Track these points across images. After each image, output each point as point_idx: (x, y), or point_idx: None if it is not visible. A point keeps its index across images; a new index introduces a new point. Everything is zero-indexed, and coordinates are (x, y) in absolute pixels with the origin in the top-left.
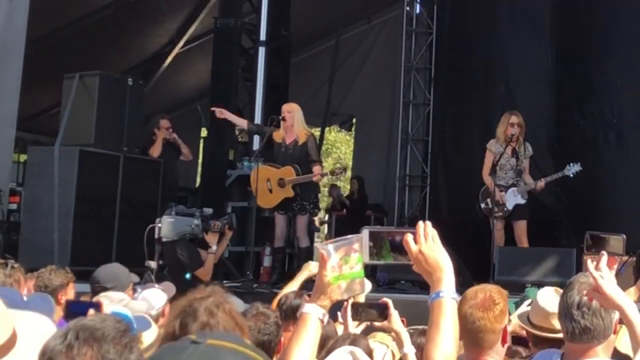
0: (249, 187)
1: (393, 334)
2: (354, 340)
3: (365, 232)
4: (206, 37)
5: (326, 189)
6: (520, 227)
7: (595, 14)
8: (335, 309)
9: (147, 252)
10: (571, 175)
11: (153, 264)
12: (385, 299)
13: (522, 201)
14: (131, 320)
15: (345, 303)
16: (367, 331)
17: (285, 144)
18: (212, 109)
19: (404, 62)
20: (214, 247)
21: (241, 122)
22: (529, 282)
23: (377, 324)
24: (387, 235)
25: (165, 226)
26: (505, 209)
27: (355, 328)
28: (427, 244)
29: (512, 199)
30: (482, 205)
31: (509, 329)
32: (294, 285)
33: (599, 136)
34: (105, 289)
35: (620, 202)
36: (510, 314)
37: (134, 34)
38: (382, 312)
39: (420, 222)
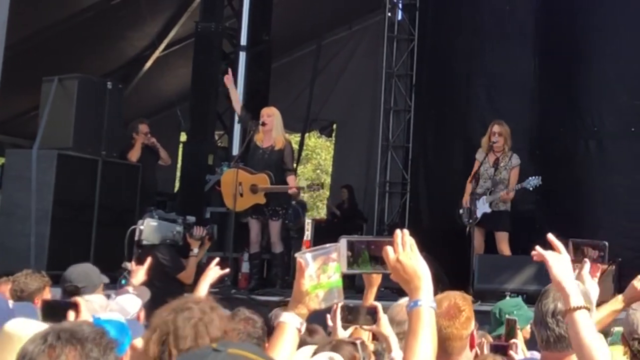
0: (218, 187)
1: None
2: (335, 347)
3: (343, 242)
4: (187, 41)
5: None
6: (500, 238)
7: (577, 22)
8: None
9: (126, 254)
10: (530, 189)
11: (130, 266)
12: (375, 303)
13: (488, 210)
14: (126, 327)
15: (335, 306)
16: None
17: (262, 148)
18: (226, 76)
19: (385, 69)
20: (196, 250)
21: (236, 104)
22: (509, 290)
23: (366, 327)
24: (365, 245)
25: (148, 229)
26: (474, 216)
27: (345, 332)
28: (405, 253)
29: (481, 207)
30: (460, 212)
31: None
32: None
33: (579, 144)
34: (77, 289)
35: (600, 210)
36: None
37: (114, 38)
38: (372, 316)
39: (398, 231)
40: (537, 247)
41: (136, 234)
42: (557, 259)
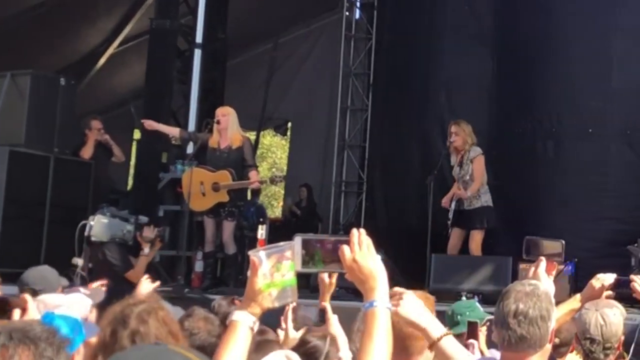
0: (179, 189)
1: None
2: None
3: (297, 240)
4: (141, 38)
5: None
6: (471, 236)
7: (536, 23)
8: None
9: (77, 249)
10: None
11: (80, 262)
12: (324, 303)
13: (455, 207)
14: (79, 324)
15: (287, 307)
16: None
17: (220, 149)
18: (143, 120)
19: (343, 68)
20: (147, 250)
21: (173, 132)
22: (465, 290)
23: (316, 328)
24: (320, 243)
25: (97, 226)
26: (449, 216)
27: (296, 333)
28: (361, 253)
29: (453, 206)
30: (450, 215)
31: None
32: None
33: (537, 144)
34: (35, 292)
35: (556, 211)
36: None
37: (67, 33)
38: (321, 317)
39: (354, 230)
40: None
41: (86, 230)
42: (405, 302)
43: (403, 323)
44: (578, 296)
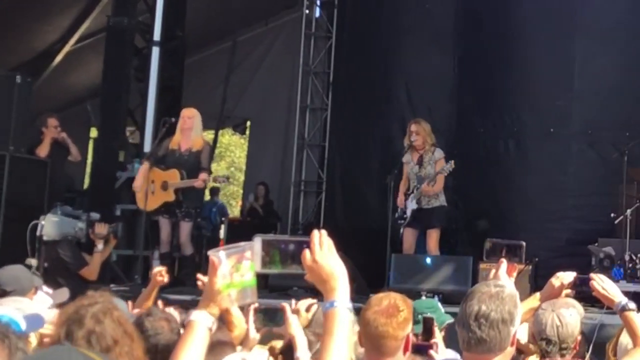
0: (134, 185)
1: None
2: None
3: (257, 240)
4: (98, 36)
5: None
6: (428, 236)
7: (497, 22)
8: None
9: (29, 249)
10: (446, 174)
11: (34, 262)
12: (283, 304)
13: (415, 206)
14: (14, 321)
15: (248, 308)
16: (268, 335)
17: (180, 151)
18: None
19: (302, 66)
20: (100, 247)
21: (144, 169)
22: (425, 290)
23: (275, 328)
24: (280, 244)
25: (48, 225)
26: (405, 216)
27: (257, 333)
28: (322, 253)
29: (410, 205)
30: (396, 215)
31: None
32: None
33: (498, 144)
34: (5, 293)
35: (518, 210)
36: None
37: (23, 31)
38: (281, 317)
39: (315, 231)
40: None
41: (38, 230)
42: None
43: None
44: (537, 295)
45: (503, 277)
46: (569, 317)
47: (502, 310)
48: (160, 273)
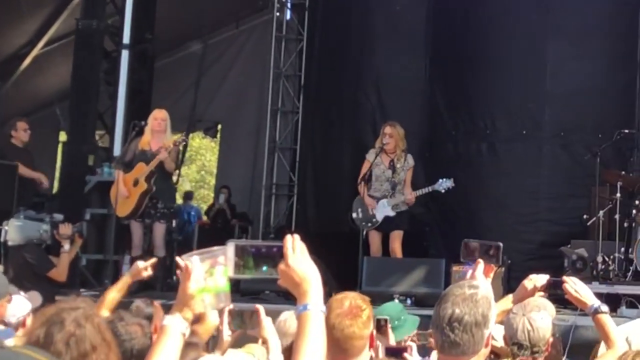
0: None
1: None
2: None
3: (230, 245)
4: (67, 39)
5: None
6: (393, 237)
7: (469, 25)
8: None
9: None
10: (442, 191)
11: (0, 268)
12: (257, 306)
13: (392, 213)
14: None
15: (223, 310)
16: (242, 338)
17: (151, 152)
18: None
19: (273, 69)
20: (67, 247)
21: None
22: (397, 292)
23: (250, 331)
24: (253, 249)
25: (12, 230)
26: (374, 219)
27: (229, 336)
28: (295, 257)
29: (382, 210)
30: (354, 215)
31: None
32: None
33: (471, 147)
34: None
35: (490, 213)
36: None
37: None
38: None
39: (288, 236)
40: None
41: (1, 236)
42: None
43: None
44: (510, 297)
45: (480, 278)
46: (540, 320)
47: (476, 313)
48: (145, 268)
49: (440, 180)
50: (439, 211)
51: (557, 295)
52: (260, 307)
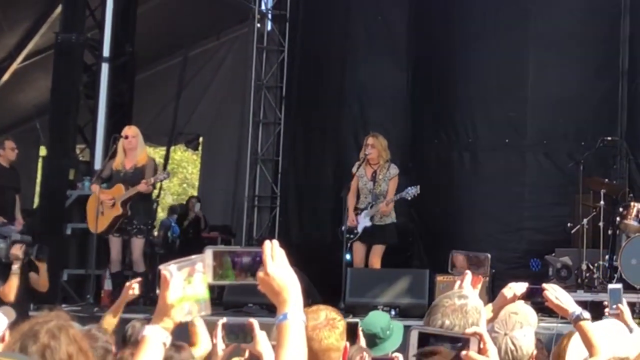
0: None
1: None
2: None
3: (208, 252)
4: (46, 53)
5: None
6: (374, 251)
7: (451, 34)
8: None
9: None
10: (409, 198)
11: None
12: (251, 320)
13: (369, 224)
14: None
15: (217, 323)
16: (236, 352)
17: (125, 169)
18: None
19: (254, 80)
20: (15, 267)
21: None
22: (381, 303)
23: (244, 345)
24: (231, 255)
25: None
26: (355, 231)
27: (223, 350)
28: (274, 264)
29: (362, 221)
30: (342, 229)
31: None
32: None
33: (454, 156)
34: None
35: (474, 222)
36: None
37: None
38: (250, 334)
39: (267, 242)
40: None
41: None
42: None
43: None
44: (490, 306)
45: (468, 289)
46: (523, 338)
47: (466, 324)
48: (131, 286)
49: (408, 188)
50: (422, 221)
51: (540, 304)
52: (255, 321)
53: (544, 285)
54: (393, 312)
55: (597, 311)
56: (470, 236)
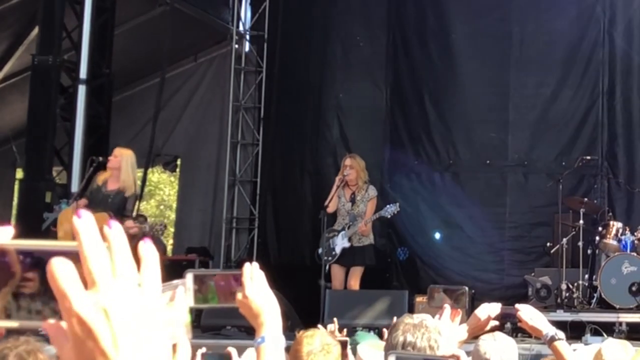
0: (53, 227)
1: None
2: None
3: (189, 276)
4: (23, 75)
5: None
6: (352, 273)
7: (430, 54)
8: None
9: None
10: (388, 216)
11: None
12: (230, 349)
13: (347, 244)
14: None
15: (195, 353)
16: None
17: (107, 190)
18: None
19: (232, 101)
20: None
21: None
22: (360, 325)
23: None
24: (211, 278)
25: None
26: (333, 252)
27: None
28: (253, 287)
29: (340, 242)
30: (319, 251)
31: None
32: None
33: (434, 177)
34: None
35: (454, 244)
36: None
37: None
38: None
39: (247, 264)
40: None
41: None
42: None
43: None
44: (465, 326)
45: (447, 323)
46: None
47: (429, 338)
48: None
49: (387, 206)
50: (402, 242)
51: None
52: (233, 350)
53: (517, 306)
54: (372, 334)
55: (577, 331)
56: (450, 257)
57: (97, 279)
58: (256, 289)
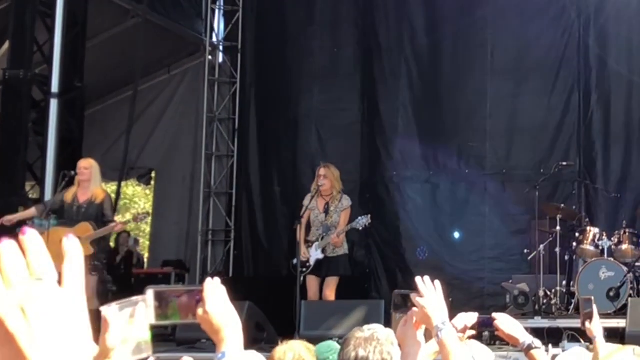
0: None
1: None
2: None
3: (150, 292)
4: None
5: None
6: (327, 283)
7: (407, 64)
8: None
9: None
10: (360, 229)
11: None
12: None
13: (321, 256)
14: None
15: None
16: None
17: (79, 203)
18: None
19: (207, 113)
20: None
21: (30, 213)
22: (336, 336)
23: None
24: (172, 295)
25: None
26: (307, 264)
27: None
28: (213, 302)
29: (314, 254)
30: (294, 262)
31: None
32: None
33: (413, 187)
34: None
35: (434, 252)
36: None
37: None
38: None
39: (209, 279)
40: None
41: None
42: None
43: None
44: (433, 340)
45: (410, 328)
46: None
47: (382, 352)
48: None
49: (359, 218)
50: (379, 253)
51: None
52: None
53: (494, 314)
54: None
55: (555, 337)
56: (429, 266)
57: (12, 278)
58: (217, 304)
